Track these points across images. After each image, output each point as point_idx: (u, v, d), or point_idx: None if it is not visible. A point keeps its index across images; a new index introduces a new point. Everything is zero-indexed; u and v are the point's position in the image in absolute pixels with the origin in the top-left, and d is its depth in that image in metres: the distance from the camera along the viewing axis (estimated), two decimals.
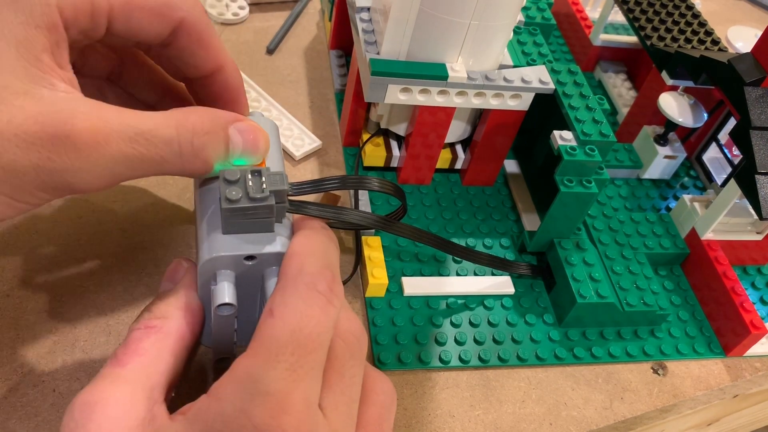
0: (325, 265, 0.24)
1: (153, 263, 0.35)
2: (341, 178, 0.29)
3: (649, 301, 0.36)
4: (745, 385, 0.37)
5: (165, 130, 0.24)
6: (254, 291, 0.26)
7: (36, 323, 0.31)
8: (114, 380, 0.22)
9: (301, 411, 0.21)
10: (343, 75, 0.48)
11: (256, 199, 0.24)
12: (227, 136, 0.25)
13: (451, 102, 0.37)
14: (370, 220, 0.29)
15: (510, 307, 0.37)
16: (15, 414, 0.28)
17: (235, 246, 0.24)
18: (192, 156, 0.24)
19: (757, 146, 0.36)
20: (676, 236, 0.41)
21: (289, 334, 0.22)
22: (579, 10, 0.56)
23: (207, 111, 0.25)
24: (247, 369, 0.21)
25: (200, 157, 0.24)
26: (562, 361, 0.35)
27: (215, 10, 0.51)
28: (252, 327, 0.23)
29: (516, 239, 0.40)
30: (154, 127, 0.23)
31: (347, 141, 0.43)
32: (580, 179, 0.35)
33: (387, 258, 0.37)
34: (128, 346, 0.23)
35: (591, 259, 0.37)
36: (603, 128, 0.36)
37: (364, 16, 0.38)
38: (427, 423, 0.32)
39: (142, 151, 0.23)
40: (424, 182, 0.42)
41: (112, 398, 0.21)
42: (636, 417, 0.34)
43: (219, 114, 0.26)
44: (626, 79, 0.53)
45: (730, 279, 0.38)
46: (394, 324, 0.34)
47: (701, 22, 0.47)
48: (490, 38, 0.35)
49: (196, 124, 0.24)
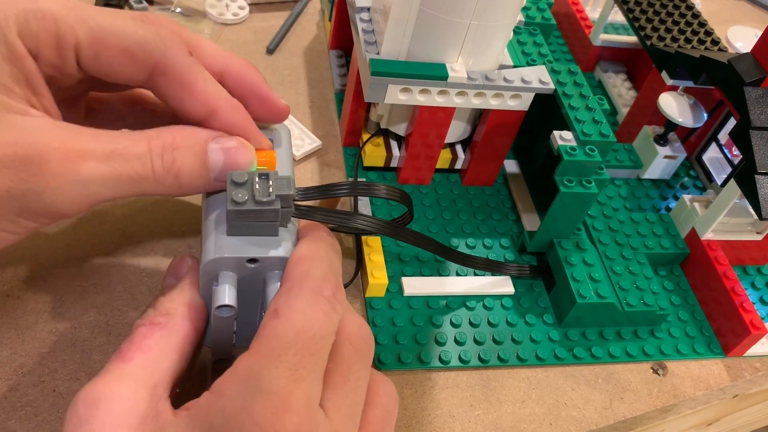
0: (331, 271, 0.25)
1: (153, 263, 0.35)
2: (350, 184, 0.29)
3: (649, 301, 0.36)
4: (745, 385, 0.37)
5: (137, 146, 0.23)
6: (255, 294, 0.26)
7: (36, 323, 0.31)
8: (118, 376, 0.22)
9: (303, 410, 0.21)
10: (343, 75, 0.48)
11: (262, 203, 0.24)
12: (203, 152, 0.25)
13: (451, 102, 0.37)
14: (377, 226, 0.29)
15: (510, 307, 0.37)
16: (15, 414, 0.28)
17: (239, 248, 0.24)
18: (164, 172, 0.24)
19: (757, 146, 0.36)
20: (675, 236, 0.41)
21: (293, 335, 0.22)
22: (579, 10, 0.56)
23: (182, 128, 0.25)
24: (249, 367, 0.22)
25: (171, 172, 0.24)
26: (561, 361, 0.35)
27: (215, 10, 0.51)
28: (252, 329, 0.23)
29: (516, 239, 0.40)
30: (129, 144, 0.23)
31: (347, 141, 0.43)
32: (580, 179, 0.35)
33: (387, 258, 0.37)
34: (133, 343, 0.23)
35: (591, 260, 0.37)
36: (603, 128, 0.36)
37: (364, 16, 0.38)
38: (427, 423, 0.32)
39: (117, 167, 0.23)
40: (424, 182, 0.42)
41: (116, 394, 0.22)
42: (636, 417, 0.34)
43: (195, 131, 0.25)
44: (626, 79, 0.53)
45: (729, 279, 0.38)
46: (394, 324, 0.34)
47: (701, 22, 0.47)
48: (490, 38, 0.35)
49: (167, 140, 0.24)
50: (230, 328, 0.26)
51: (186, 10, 0.50)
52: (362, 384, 0.25)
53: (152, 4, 0.50)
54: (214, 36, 0.49)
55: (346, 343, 0.24)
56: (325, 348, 0.23)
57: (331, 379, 0.23)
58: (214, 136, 0.25)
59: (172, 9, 0.50)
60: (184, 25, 0.49)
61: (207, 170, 0.25)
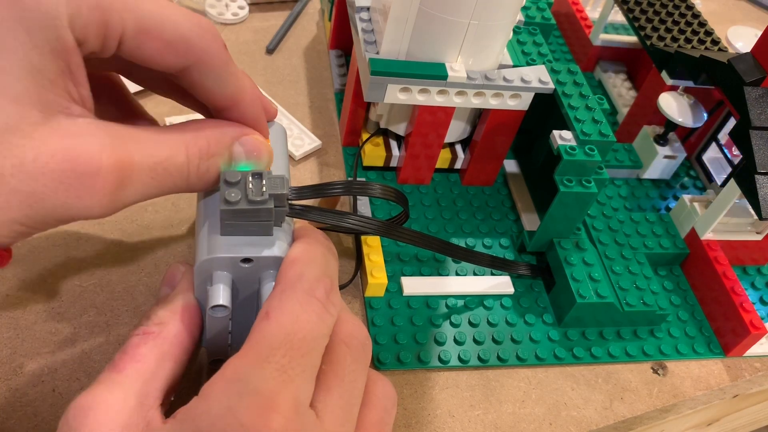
0: (325, 273, 0.25)
1: (153, 263, 0.35)
2: (344, 184, 0.28)
3: (649, 301, 0.36)
4: (745, 385, 0.37)
5: (178, 156, 0.23)
6: (251, 294, 0.26)
7: (36, 323, 0.31)
8: (109, 386, 0.22)
9: (289, 410, 0.21)
10: (342, 75, 0.48)
11: (255, 202, 0.24)
12: (231, 154, 0.25)
13: (451, 102, 0.37)
14: (372, 226, 0.29)
15: (509, 307, 0.37)
16: (15, 414, 0.28)
17: (233, 248, 0.24)
18: (197, 179, 0.24)
19: (757, 146, 0.36)
20: (675, 236, 0.41)
21: (282, 337, 0.22)
22: (579, 10, 0.56)
23: (214, 129, 0.25)
24: (236, 369, 0.21)
25: (204, 179, 0.24)
26: (561, 361, 0.35)
27: (215, 10, 0.51)
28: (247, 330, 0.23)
29: (515, 239, 0.40)
30: (170, 155, 0.23)
31: (347, 141, 0.43)
32: (580, 179, 0.35)
33: (386, 258, 0.37)
34: (126, 352, 0.23)
35: (590, 259, 0.37)
36: (602, 128, 0.36)
37: (364, 15, 0.38)
38: (426, 423, 0.32)
39: (159, 180, 0.23)
40: (423, 182, 0.42)
41: (105, 404, 0.22)
42: (636, 417, 0.34)
43: (225, 132, 0.25)
44: (626, 79, 0.53)
45: (729, 279, 0.38)
46: (393, 324, 0.34)
47: (701, 22, 0.47)
48: (490, 38, 0.35)
49: (203, 147, 0.24)
50: (225, 328, 0.26)
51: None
52: (358, 385, 0.24)
53: None
54: None
55: (341, 344, 0.24)
56: (316, 349, 0.23)
57: (324, 381, 0.23)
58: (240, 134, 0.25)
59: None
60: None
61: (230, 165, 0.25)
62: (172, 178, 0.23)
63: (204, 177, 0.24)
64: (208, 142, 0.24)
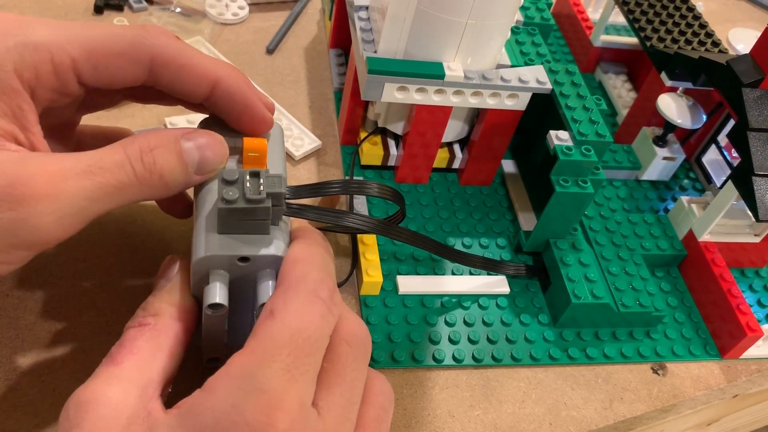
0: (327, 274, 0.25)
1: (153, 263, 0.35)
2: (341, 183, 0.29)
3: (645, 302, 0.36)
4: (745, 384, 0.37)
5: (114, 155, 0.24)
6: (248, 293, 0.26)
7: (36, 323, 0.31)
8: (108, 379, 0.22)
9: (294, 410, 0.21)
10: (342, 74, 0.48)
11: (252, 201, 0.24)
12: (179, 149, 0.25)
13: (448, 101, 0.37)
14: (369, 225, 0.29)
15: (505, 307, 0.37)
16: (15, 414, 0.28)
17: (230, 246, 0.25)
18: (147, 174, 0.24)
19: (755, 148, 0.36)
20: (673, 238, 0.41)
21: (288, 336, 0.22)
22: (580, 11, 0.56)
23: (152, 131, 0.26)
24: (242, 366, 0.22)
25: (155, 173, 0.25)
26: (556, 362, 0.35)
27: (215, 10, 0.51)
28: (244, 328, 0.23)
29: (512, 239, 0.40)
30: (105, 155, 0.24)
31: (345, 139, 0.43)
32: (576, 179, 0.35)
33: (382, 256, 0.37)
34: (123, 345, 0.24)
35: (587, 260, 0.37)
36: (600, 128, 0.36)
37: (363, 14, 0.38)
38: (426, 423, 0.32)
39: (99, 179, 0.23)
40: (421, 181, 0.42)
41: (106, 397, 0.22)
42: (636, 417, 0.34)
43: (165, 131, 0.26)
44: (627, 80, 0.53)
45: (726, 281, 0.38)
46: (388, 322, 0.35)
47: (702, 23, 0.47)
48: (487, 37, 0.35)
49: (142, 143, 0.25)
50: (222, 326, 0.26)
51: (186, 10, 0.50)
52: (358, 383, 0.25)
53: (152, 3, 0.51)
54: (214, 36, 0.50)
55: (342, 343, 0.24)
56: (320, 349, 0.23)
57: (326, 379, 0.24)
58: (184, 133, 0.26)
59: (171, 9, 0.50)
60: (184, 25, 0.49)
61: (186, 166, 0.25)
62: (115, 176, 0.24)
63: (155, 170, 0.25)
64: (147, 139, 0.25)
